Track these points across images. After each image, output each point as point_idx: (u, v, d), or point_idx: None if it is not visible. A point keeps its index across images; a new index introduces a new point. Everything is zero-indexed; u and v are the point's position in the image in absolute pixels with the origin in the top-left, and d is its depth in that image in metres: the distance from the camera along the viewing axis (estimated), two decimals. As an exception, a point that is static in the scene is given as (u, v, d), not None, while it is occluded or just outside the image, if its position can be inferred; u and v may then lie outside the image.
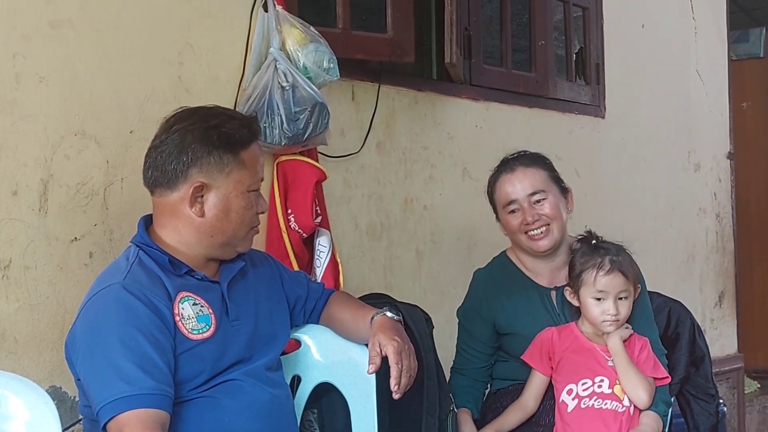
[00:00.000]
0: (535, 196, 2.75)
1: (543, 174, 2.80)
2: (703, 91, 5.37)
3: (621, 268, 2.58)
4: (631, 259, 2.65)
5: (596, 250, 2.62)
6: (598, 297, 2.58)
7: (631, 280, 2.60)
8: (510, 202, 2.77)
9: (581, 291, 2.61)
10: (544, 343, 2.65)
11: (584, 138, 4.53)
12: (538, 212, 2.75)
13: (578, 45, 4.65)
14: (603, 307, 2.58)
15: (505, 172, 2.81)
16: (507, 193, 2.78)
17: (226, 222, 2.22)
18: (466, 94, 3.90)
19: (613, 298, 2.57)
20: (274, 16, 2.95)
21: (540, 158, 2.86)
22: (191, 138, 2.19)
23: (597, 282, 2.57)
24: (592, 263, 2.59)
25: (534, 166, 2.80)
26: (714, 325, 5.39)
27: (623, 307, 2.59)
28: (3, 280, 2.36)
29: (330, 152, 3.23)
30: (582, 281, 2.60)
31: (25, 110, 2.42)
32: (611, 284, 2.57)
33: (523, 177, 2.77)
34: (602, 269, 2.58)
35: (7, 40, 2.39)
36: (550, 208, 2.76)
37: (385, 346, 2.24)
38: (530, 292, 2.81)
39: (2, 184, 2.37)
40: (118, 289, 2.08)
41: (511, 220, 2.78)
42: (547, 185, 2.79)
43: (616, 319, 2.57)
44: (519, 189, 2.77)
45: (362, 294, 2.90)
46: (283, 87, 2.89)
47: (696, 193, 5.30)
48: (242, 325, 2.25)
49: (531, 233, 2.75)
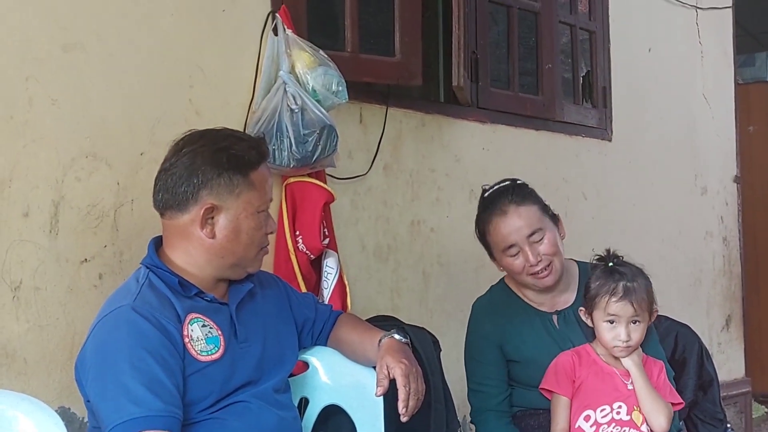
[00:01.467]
0: (533, 237, 2.67)
1: (535, 209, 2.71)
2: (709, 115, 5.38)
3: (634, 295, 2.55)
4: (648, 283, 2.61)
5: (611, 274, 2.58)
6: (610, 320, 2.56)
7: (644, 307, 2.57)
8: (509, 246, 2.69)
9: (594, 314, 2.60)
10: (566, 366, 2.60)
11: (591, 161, 4.54)
12: (539, 252, 2.67)
13: (585, 68, 4.67)
14: (615, 332, 2.55)
15: (497, 214, 2.69)
16: (504, 237, 2.68)
17: (236, 243, 2.23)
18: (473, 117, 3.91)
19: (626, 323, 2.54)
20: (283, 39, 2.98)
21: (526, 191, 2.76)
22: (201, 160, 2.20)
23: (609, 307, 2.55)
24: (605, 288, 2.57)
25: (525, 203, 2.70)
26: (721, 348, 5.38)
27: (635, 332, 2.56)
28: (13, 301, 2.38)
29: (338, 174, 3.25)
30: (595, 304, 2.58)
31: (38, 132, 2.45)
32: (623, 310, 2.54)
33: (518, 218, 2.67)
34: (615, 295, 2.55)
35: (21, 64, 2.42)
36: (550, 245, 2.68)
37: (392, 369, 2.24)
38: (532, 319, 2.77)
39: (14, 205, 2.39)
40: (128, 311, 2.09)
41: (513, 263, 2.70)
42: (541, 221, 2.70)
43: (627, 346, 2.55)
44: (516, 232, 2.67)
45: (369, 316, 2.91)
46: (292, 109, 2.91)
47: (703, 216, 5.30)
48: (251, 346, 2.26)
49: (535, 273, 2.70)
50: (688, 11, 5.23)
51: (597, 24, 4.64)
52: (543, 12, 4.28)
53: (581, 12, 4.61)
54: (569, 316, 2.75)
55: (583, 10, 4.64)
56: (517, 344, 2.75)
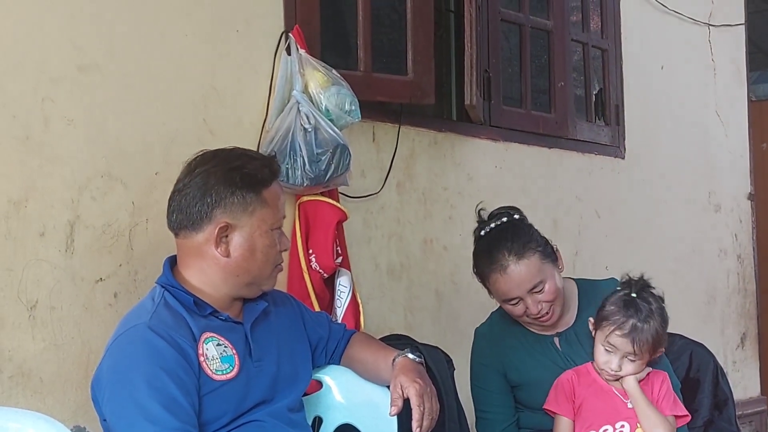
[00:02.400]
0: (534, 289, 2.61)
1: (535, 260, 2.61)
2: (722, 132, 5.37)
3: (639, 336, 2.52)
4: (661, 326, 2.57)
5: (627, 307, 2.55)
6: (607, 348, 2.56)
7: (645, 350, 2.54)
8: (510, 299, 2.64)
9: (597, 333, 2.59)
10: (565, 386, 2.61)
11: (604, 179, 4.54)
12: (540, 301, 2.62)
13: (598, 86, 4.68)
14: (608, 359, 2.55)
15: (496, 270, 2.61)
16: (504, 292, 2.63)
17: (251, 261, 2.24)
18: (485, 135, 3.92)
19: (621, 356, 2.54)
20: (297, 59, 3.00)
21: (525, 237, 2.64)
22: (214, 180, 2.22)
23: (611, 337, 2.54)
24: (615, 318, 2.55)
25: (525, 255, 2.59)
26: (736, 367, 5.35)
27: (628, 366, 2.55)
28: (29, 320, 2.39)
29: (351, 193, 3.26)
30: (601, 326, 2.58)
31: (53, 152, 2.46)
32: (622, 345, 2.53)
33: (518, 275, 2.59)
34: (620, 329, 2.53)
35: (37, 84, 2.44)
36: (551, 293, 2.63)
37: (407, 388, 2.24)
38: (533, 344, 2.75)
39: (30, 225, 2.41)
40: (144, 330, 2.09)
41: (514, 309, 2.66)
42: (542, 271, 2.62)
43: (615, 376, 2.56)
44: (517, 288, 2.61)
45: (383, 335, 2.91)
46: (306, 129, 2.92)
47: (717, 234, 5.28)
48: (265, 365, 2.26)
49: (536, 318, 2.67)
50: (701, 28, 5.23)
51: (609, 42, 4.65)
52: (555, 30, 4.29)
53: (593, 30, 4.62)
54: (571, 336, 2.73)
55: (596, 28, 4.65)
56: (519, 369, 2.74)
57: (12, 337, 2.36)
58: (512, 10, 4.14)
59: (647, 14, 4.89)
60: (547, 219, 4.17)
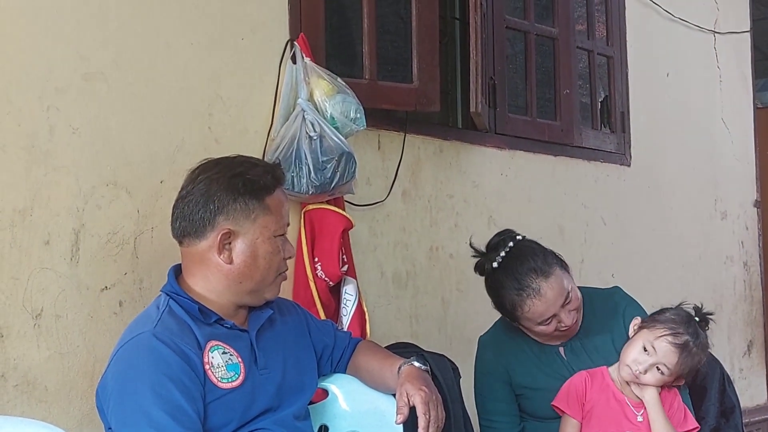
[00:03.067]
0: (566, 301, 2.60)
1: (559, 273, 2.60)
2: (728, 139, 5.37)
3: (686, 354, 2.51)
4: (702, 360, 2.57)
5: (689, 324, 2.54)
6: (646, 348, 2.52)
7: (679, 369, 2.52)
8: (548, 318, 2.61)
9: (643, 332, 2.56)
10: (578, 387, 2.59)
11: (610, 186, 4.53)
12: (570, 309, 2.62)
13: (603, 93, 4.68)
14: (640, 359, 2.52)
15: (531, 296, 2.57)
16: (542, 313, 2.59)
17: (254, 268, 2.24)
18: (491, 143, 3.92)
19: (654, 363, 2.51)
20: (302, 67, 3.00)
21: (542, 254, 2.63)
22: (216, 187, 2.22)
23: (659, 340, 2.51)
24: (674, 326, 2.53)
25: (550, 273, 2.58)
26: (743, 374, 5.33)
27: (653, 376, 2.52)
28: (34, 329, 2.39)
29: (356, 201, 3.26)
30: (653, 327, 2.54)
31: (58, 161, 2.46)
32: (665, 353, 2.51)
33: (552, 293, 2.57)
34: (675, 338, 2.51)
35: (42, 93, 2.44)
36: (576, 299, 2.63)
37: (412, 396, 2.23)
38: (538, 354, 2.73)
39: (35, 234, 2.41)
40: (149, 338, 2.09)
41: (546, 329, 2.63)
42: (566, 281, 2.62)
43: (636, 375, 2.52)
44: (553, 305, 2.58)
45: (389, 343, 2.90)
46: (311, 137, 2.92)
47: (723, 241, 5.27)
48: (271, 373, 2.26)
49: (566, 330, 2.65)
50: (707, 36, 5.23)
51: (615, 49, 4.65)
52: (560, 38, 4.29)
53: (599, 37, 4.62)
54: (576, 345, 2.72)
55: (601, 35, 4.65)
56: (524, 378, 2.73)
57: (17, 345, 2.36)
58: (517, 17, 4.14)
59: (653, 21, 4.89)
60: (553, 227, 4.17)
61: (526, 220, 3.94)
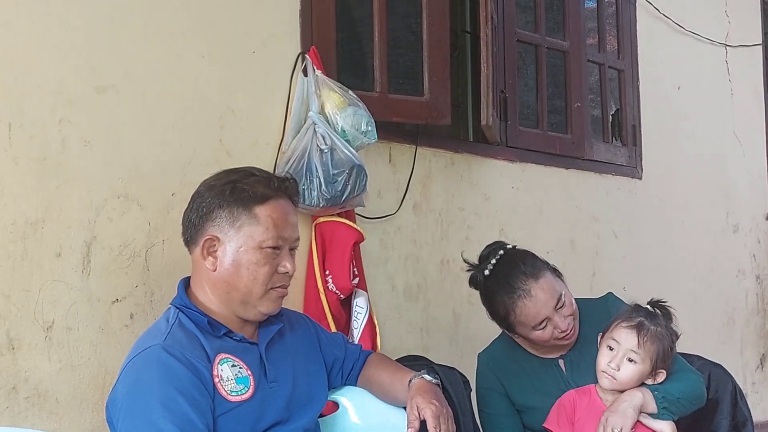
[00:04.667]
0: (558, 304, 2.61)
1: (549, 277, 2.63)
2: (740, 152, 5.36)
3: (645, 332, 2.49)
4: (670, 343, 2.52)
5: (638, 309, 2.56)
6: (609, 345, 2.52)
7: (648, 351, 2.49)
8: (540, 321, 2.61)
9: (604, 336, 2.56)
10: (567, 407, 2.57)
11: (621, 199, 4.52)
12: (565, 315, 2.62)
13: (614, 106, 4.68)
14: (608, 358, 2.51)
15: (521, 297, 2.59)
16: (534, 316, 2.60)
17: (236, 277, 2.22)
18: (502, 156, 3.92)
19: (622, 354, 2.49)
20: (313, 80, 3.00)
21: (531, 260, 2.66)
22: (209, 194, 2.25)
23: (615, 330, 2.52)
24: (623, 315, 2.55)
25: (540, 275, 2.61)
26: (755, 388, 5.30)
27: (627, 369, 2.49)
28: (45, 341, 2.39)
29: (367, 213, 3.26)
30: (608, 327, 2.56)
31: (70, 174, 2.47)
32: (626, 338, 2.49)
33: (543, 294, 2.59)
34: (626, 321, 2.52)
35: (54, 106, 2.45)
36: (570, 305, 2.64)
37: (423, 410, 2.23)
38: (537, 369, 2.73)
39: (47, 246, 2.41)
40: (159, 351, 2.09)
41: (543, 334, 2.63)
42: (556, 283, 2.64)
43: (613, 376, 2.49)
44: (545, 307, 2.59)
45: (399, 356, 2.90)
46: (322, 150, 2.92)
47: (735, 254, 5.25)
48: (280, 386, 2.26)
49: (563, 336, 2.64)
50: (718, 49, 5.23)
51: (626, 62, 4.65)
52: (571, 51, 4.29)
53: (610, 50, 4.62)
54: (575, 356, 2.71)
55: (612, 48, 4.65)
56: (523, 394, 2.72)
57: (28, 357, 2.36)
58: (528, 31, 4.14)
59: (663, 35, 4.89)
60: (565, 239, 4.16)
61: (538, 233, 3.94)
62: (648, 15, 4.80)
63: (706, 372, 2.97)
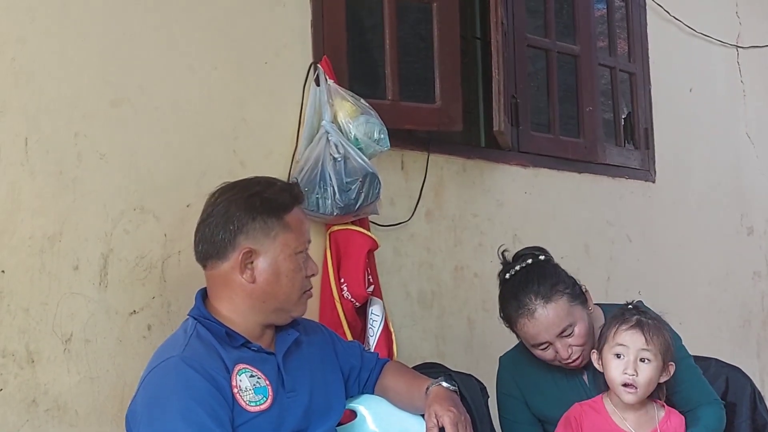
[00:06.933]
0: (563, 333, 2.52)
1: (563, 303, 2.52)
2: (753, 153, 5.34)
3: (647, 328, 2.41)
4: (668, 333, 2.46)
5: (625, 312, 2.47)
6: (617, 353, 2.42)
7: (657, 345, 2.41)
8: (540, 343, 2.55)
9: (603, 350, 2.45)
10: (573, 421, 2.51)
11: (635, 203, 4.51)
12: (570, 344, 2.53)
13: (626, 110, 4.67)
14: (622, 365, 2.40)
15: (523, 315, 2.52)
16: (533, 336, 2.54)
17: (277, 286, 2.25)
18: (514, 161, 3.92)
19: (634, 357, 2.40)
20: (325, 89, 3.02)
21: (552, 279, 2.55)
22: (235, 207, 2.24)
23: (617, 335, 2.42)
24: (615, 321, 2.45)
25: (552, 298, 2.51)
26: (773, 391, 5.28)
27: (643, 371, 2.39)
28: (64, 354, 2.41)
29: (381, 221, 3.27)
30: (605, 338, 2.46)
31: (86, 187, 2.49)
32: (632, 340, 2.40)
33: (546, 319, 2.50)
34: (625, 323, 2.42)
35: (70, 120, 2.47)
36: (581, 336, 2.54)
37: (441, 417, 2.23)
38: (560, 380, 2.67)
39: (64, 259, 2.43)
40: (178, 362, 2.10)
41: (544, 354, 2.57)
42: (570, 314, 2.53)
43: (633, 384, 2.40)
44: (546, 332, 2.51)
45: (415, 363, 2.90)
46: (335, 158, 2.93)
47: (750, 256, 5.23)
48: (298, 396, 2.27)
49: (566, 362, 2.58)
50: (729, 50, 5.21)
51: (637, 65, 4.64)
52: (582, 55, 4.29)
53: (620, 54, 4.61)
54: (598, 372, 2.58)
55: (623, 51, 4.64)
56: (544, 405, 2.68)
57: (47, 370, 2.38)
58: (539, 35, 4.15)
59: (674, 37, 4.88)
60: (579, 244, 4.16)
61: (551, 238, 3.93)
62: (658, 17, 4.79)
63: (724, 375, 2.96)
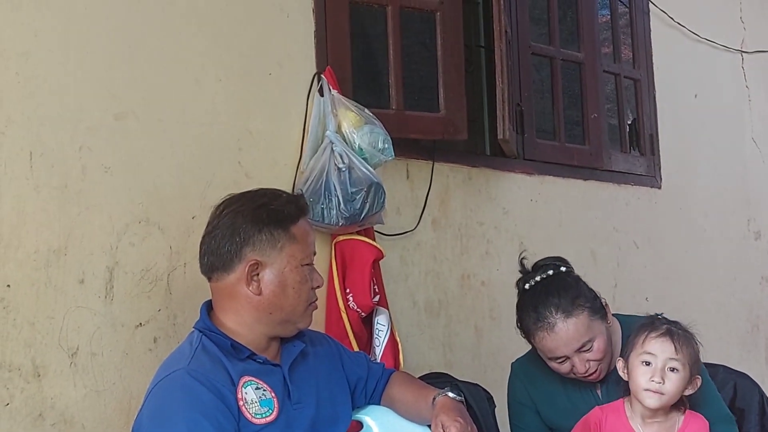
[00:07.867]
0: (582, 348, 2.49)
1: (584, 318, 2.48)
2: (759, 158, 5.33)
3: (677, 337, 2.38)
4: (693, 344, 2.42)
5: (654, 321, 2.44)
6: (645, 361, 2.38)
7: (686, 355, 2.38)
8: (559, 357, 2.52)
9: (630, 357, 2.41)
10: (593, 424, 2.47)
11: (641, 209, 4.51)
12: (588, 359, 2.50)
13: (631, 116, 4.67)
14: (649, 373, 2.36)
15: (542, 328, 2.49)
16: (551, 350, 2.51)
17: (283, 297, 2.25)
18: (520, 169, 3.92)
19: (662, 366, 2.36)
20: (329, 100, 3.02)
21: (573, 293, 2.52)
22: (241, 219, 2.24)
23: (646, 343, 2.38)
24: (644, 329, 2.42)
25: (573, 314, 2.47)
26: (782, 396, 5.25)
27: (671, 381, 2.35)
28: (71, 368, 2.41)
29: (386, 230, 3.26)
30: (632, 346, 2.42)
31: (91, 200, 2.49)
32: (661, 348, 2.36)
33: (566, 334, 2.47)
34: (655, 331, 2.39)
35: (74, 133, 2.48)
36: (599, 351, 2.51)
37: (448, 428, 2.23)
38: (572, 392, 2.64)
39: (69, 272, 2.43)
40: (183, 375, 2.10)
41: (560, 368, 2.54)
42: (590, 329, 2.49)
43: (659, 391, 2.35)
44: (565, 346, 2.48)
45: (422, 373, 2.90)
46: (340, 168, 2.93)
47: (757, 261, 5.22)
48: (304, 408, 2.26)
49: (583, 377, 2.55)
50: (734, 55, 5.21)
51: (641, 72, 4.64)
52: (587, 62, 4.29)
53: (625, 60, 4.61)
54: (612, 385, 2.58)
55: (627, 58, 4.64)
56: (555, 416, 2.65)
57: (54, 384, 2.38)
58: (542, 43, 4.15)
59: (678, 43, 4.88)
60: (585, 251, 4.15)
61: (558, 246, 3.92)
62: (662, 23, 4.79)
63: (732, 382, 2.95)
